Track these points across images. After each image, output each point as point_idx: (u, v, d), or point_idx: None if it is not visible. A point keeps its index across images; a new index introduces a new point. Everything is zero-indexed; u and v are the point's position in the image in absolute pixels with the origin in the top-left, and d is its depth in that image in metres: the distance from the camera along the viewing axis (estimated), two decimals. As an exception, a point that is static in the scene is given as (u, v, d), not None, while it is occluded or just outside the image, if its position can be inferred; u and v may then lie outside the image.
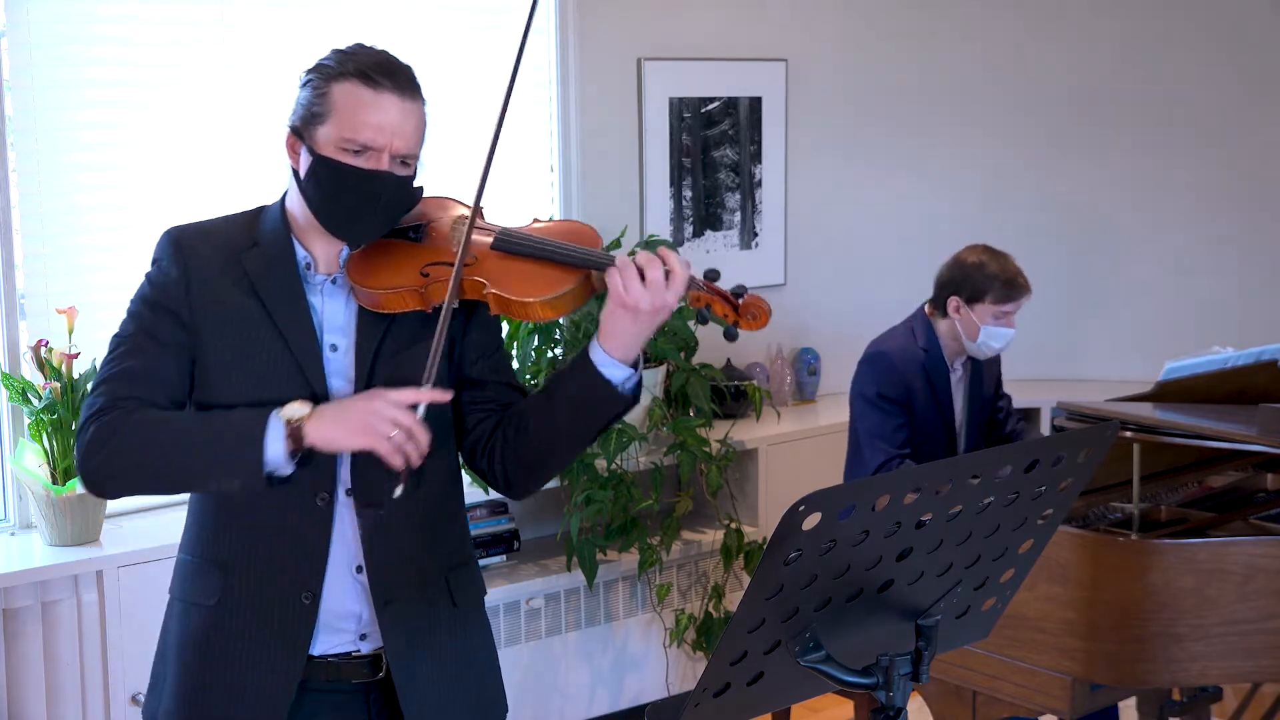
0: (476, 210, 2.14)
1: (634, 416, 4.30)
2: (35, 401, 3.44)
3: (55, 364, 3.46)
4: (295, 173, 2.13)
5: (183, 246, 2.13)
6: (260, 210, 2.21)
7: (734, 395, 4.76)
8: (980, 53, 5.39)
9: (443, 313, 2.05)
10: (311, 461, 2.02)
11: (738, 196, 4.99)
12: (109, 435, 2.02)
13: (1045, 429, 5.04)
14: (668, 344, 4.28)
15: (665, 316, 2.05)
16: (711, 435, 4.41)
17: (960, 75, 5.37)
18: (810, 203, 5.18)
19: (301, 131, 2.09)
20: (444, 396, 2.03)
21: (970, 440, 3.87)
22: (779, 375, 5.07)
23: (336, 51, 2.12)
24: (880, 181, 5.32)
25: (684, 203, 4.85)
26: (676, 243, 4.77)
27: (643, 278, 2.02)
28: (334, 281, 2.15)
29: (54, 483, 3.45)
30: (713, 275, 2.12)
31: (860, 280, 5.29)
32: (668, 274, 2.04)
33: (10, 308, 3.61)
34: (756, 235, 5.05)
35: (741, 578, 4.49)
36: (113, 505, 3.62)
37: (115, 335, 2.13)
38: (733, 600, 4.42)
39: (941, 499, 1.71)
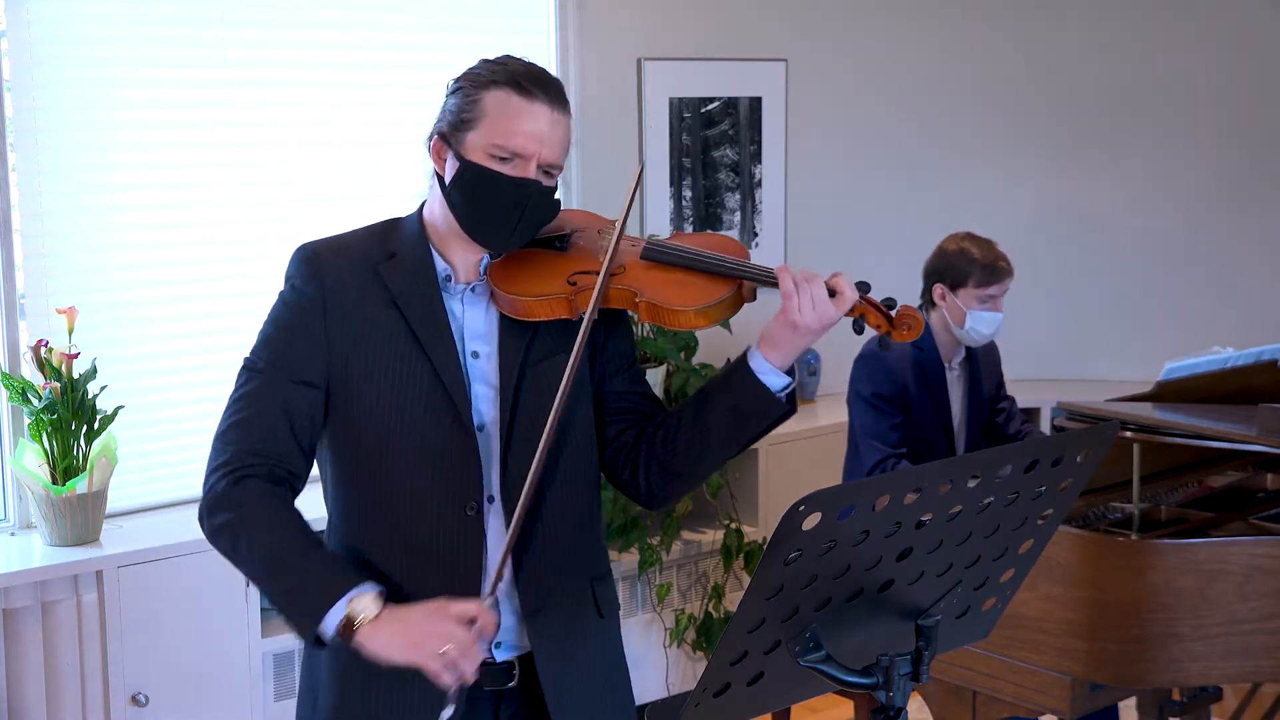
0: (625, 219, 2.15)
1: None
2: (35, 401, 3.43)
3: (55, 364, 3.45)
4: (439, 179, 2.12)
5: (318, 264, 2.12)
6: (395, 222, 2.20)
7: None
8: (980, 53, 5.39)
9: (584, 323, 2.06)
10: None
11: (738, 196, 4.99)
12: (229, 507, 2.04)
13: (1045, 429, 5.04)
14: (667, 344, 4.28)
15: (826, 331, 2.09)
16: (711, 435, 4.40)
17: (960, 75, 5.37)
18: (810, 203, 5.18)
19: (449, 137, 2.08)
20: (492, 626, 2.00)
21: (969, 441, 3.86)
22: (779, 375, 5.06)
23: (486, 61, 2.11)
24: (880, 181, 5.32)
25: (684, 203, 4.85)
26: (676, 243, 4.77)
27: (813, 294, 2.06)
28: (473, 289, 2.15)
29: (54, 483, 3.45)
30: (864, 288, 2.15)
31: (860, 280, 5.27)
32: (833, 292, 2.08)
33: (10, 308, 3.61)
34: (756, 235, 5.05)
35: (741, 578, 4.49)
36: (113, 505, 3.62)
37: (245, 363, 2.12)
38: (733, 600, 4.42)
39: (941, 499, 1.71)
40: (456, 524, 2.09)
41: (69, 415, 3.44)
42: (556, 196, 2.14)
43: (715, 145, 4.91)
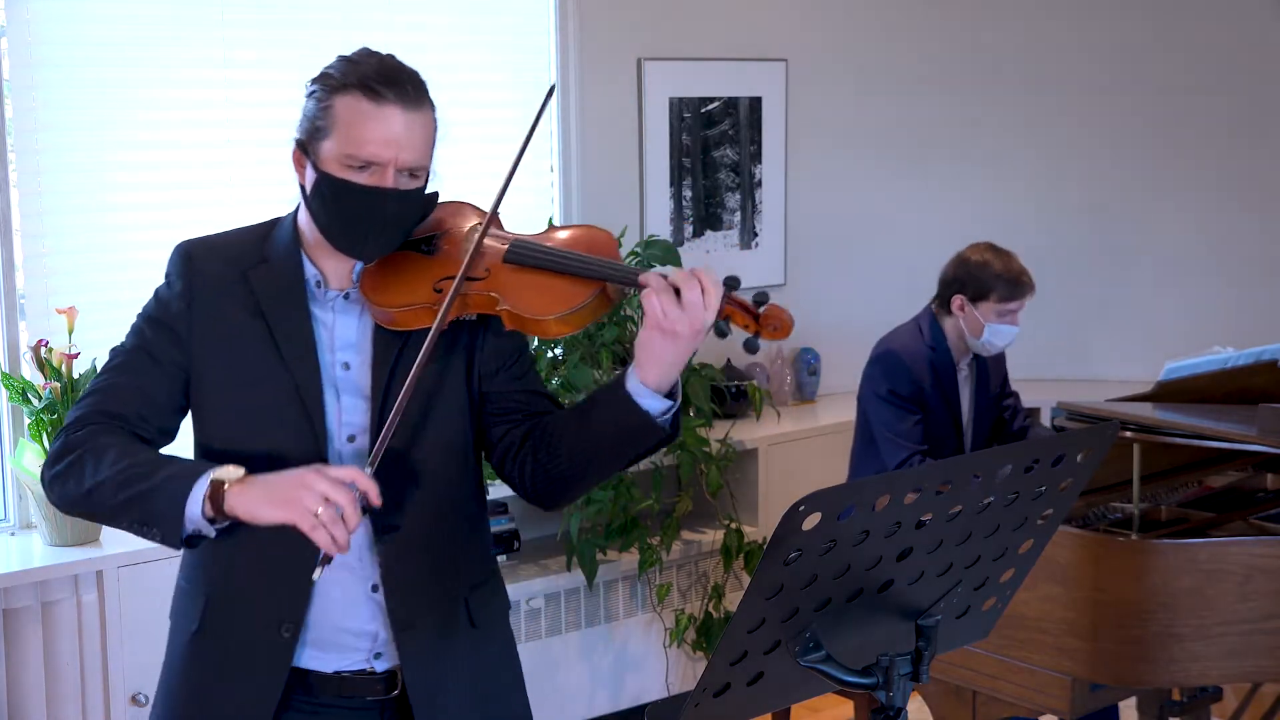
0: (490, 221, 2.08)
1: (634, 416, 4.30)
2: (35, 401, 3.44)
3: (55, 364, 3.45)
4: (301, 188, 2.07)
5: (191, 261, 2.10)
6: (275, 223, 2.16)
7: (734, 395, 4.76)
8: (981, 53, 5.39)
9: (428, 337, 1.98)
10: (235, 530, 1.94)
11: (738, 196, 4.99)
12: (68, 450, 1.99)
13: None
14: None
15: (703, 338, 1.94)
16: (711, 435, 4.41)
17: (960, 76, 5.37)
18: (810, 203, 5.18)
19: (306, 146, 2.03)
20: (376, 497, 1.91)
21: (977, 439, 3.88)
22: (779, 375, 5.07)
23: (341, 59, 2.04)
24: (880, 181, 5.32)
25: (684, 203, 4.85)
26: (676, 243, 4.77)
27: (679, 297, 1.91)
28: (346, 297, 2.09)
29: (54, 483, 3.45)
30: (732, 283, 2.00)
31: (860, 280, 5.29)
32: (705, 291, 1.92)
33: (10, 308, 3.61)
34: (756, 235, 5.05)
35: (741, 578, 4.49)
36: (113, 505, 3.62)
37: (114, 347, 2.11)
38: (733, 600, 4.42)
39: (941, 499, 1.71)
40: (292, 544, 1.96)
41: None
42: (432, 191, 2.09)
43: (715, 145, 4.91)
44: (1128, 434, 3.16)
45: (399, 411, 1.96)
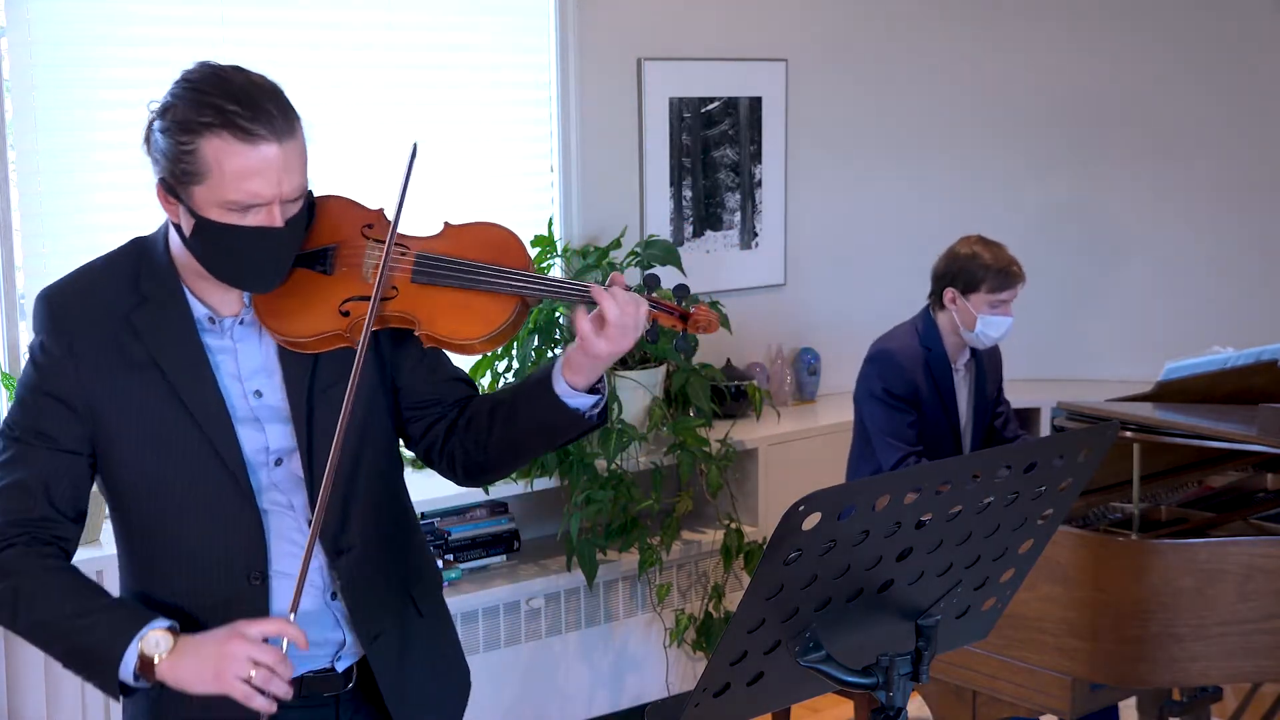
0: (390, 243, 1.95)
1: (634, 416, 4.30)
2: (35, 401, 3.43)
3: (55, 364, 3.45)
4: (176, 226, 1.95)
5: (63, 317, 1.98)
6: (139, 249, 2.03)
7: (734, 395, 4.76)
8: (981, 54, 5.39)
9: (356, 359, 1.91)
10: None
11: (738, 196, 4.99)
12: None
13: (1045, 429, 5.04)
14: (667, 344, 4.28)
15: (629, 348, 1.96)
16: (711, 435, 4.41)
17: (960, 75, 5.37)
18: (810, 202, 5.18)
19: (175, 189, 1.91)
20: (303, 642, 1.89)
21: (975, 440, 3.87)
22: (779, 375, 5.07)
23: (186, 88, 1.92)
24: (880, 181, 5.32)
25: (684, 203, 4.85)
26: (676, 243, 4.76)
27: (608, 321, 1.91)
28: (241, 323, 2.00)
29: (54, 483, 3.45)
30: (651, 282, 1.99)
31: (860, 280, 5.29)
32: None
33: (10, 308, 3.61)
34: (756, 235, 5.05)
35: (741, 578, 4.49)
36: (113, 505, 3.61)
37: (3, 426, 1.99)
38: (733, 600, 4.42)
39: (941, 499, 1.71)
40: (238, 591, 1.98)
41: (69, 415, 3.44)
42: (309, 204, 1.98)
43: (715, 145, 4.91)
44: (1128, 434, 3.16)
45: (333, 469, 1.92)
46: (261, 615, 1.98)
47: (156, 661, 1.87)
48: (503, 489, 4.13)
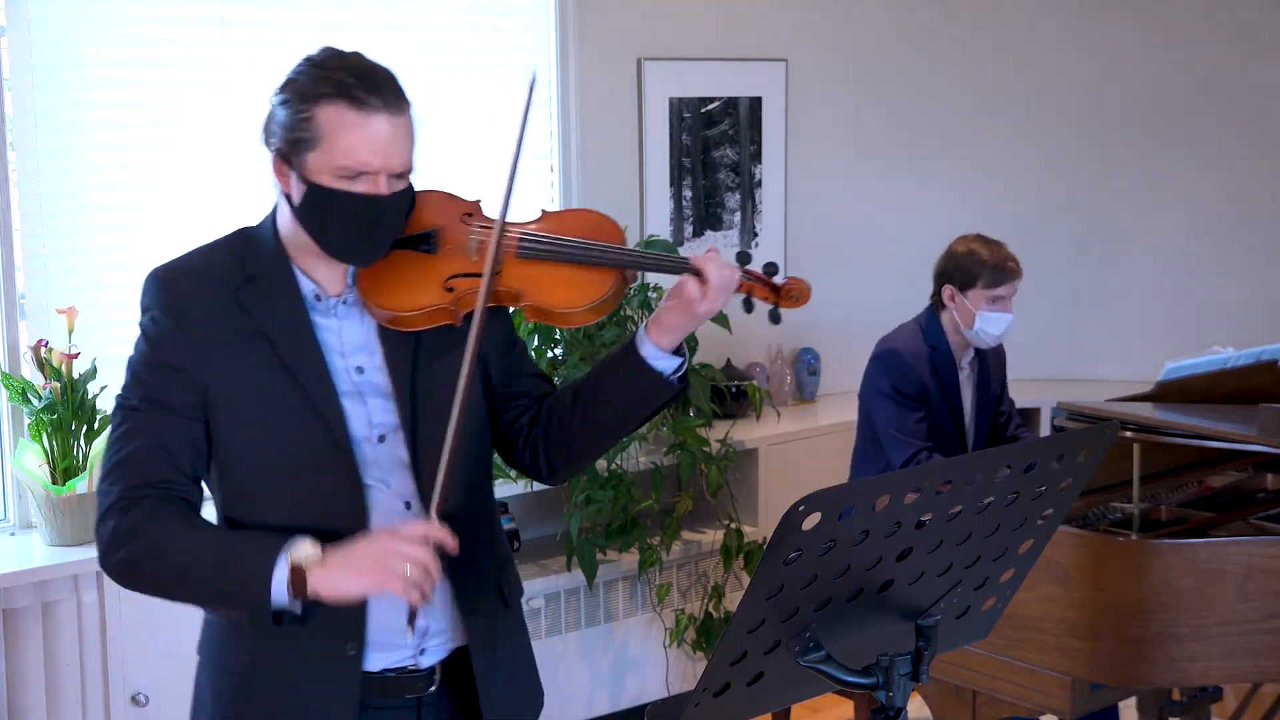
0: (503, 218, 2.05)
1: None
2: (35, 401, 3.44)
3: (55, 364, 3.45)
4: (287, 197, 2.02)
5: (174, 291, 2.02)
6: (246, 236, 2.09)
7: (734, 395, 4.76)
8: (981, 53, 5.39)
9: (472, 334, 1.98)
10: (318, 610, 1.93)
11: (738, 196, 4.99)
12: (126, 538, 1.95)
13: (1045, 429, 5.04)
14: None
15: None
16: (711, 435, 4.41)
17: (961, 75, 5.37)
18: (810, 203, 5.18)
19: (289, 157, 1.98)
20: (452, 545, 1.93)
21: (979, 437, 3.88)
22: (779, 375, 5.07)
23: (309, 64, 2.00)
24: (881, 181, 5.32)
25: (684, 203, 4.85)
26: (676, 243, 4.77)
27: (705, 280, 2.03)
28: (345, 302, 2.07)
29: (54, 483, 3.45)
30: (744, 259, 2.11)
31: (860, 280, 5.29)
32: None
33: (10, 308, 3.61)
34: (756, 235, 5.05)
35: (741, 578, 4.49)
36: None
37: (119, 402, 2.02)
38: (733, 600, 4.42)
39: (941, 499, 1.71)
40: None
41: (69, 415, 3.44)
42: (412, 189, 2.06)
43: (715, 145, 4.91)
44: (1128, 434, 3.16)
45: (456, 437, 1.96)
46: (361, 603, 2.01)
47: (309, 568, 1.89)
48: (503, 489, 4.13)
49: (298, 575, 1.89)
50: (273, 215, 2.09)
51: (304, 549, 1.91)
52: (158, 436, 1.99)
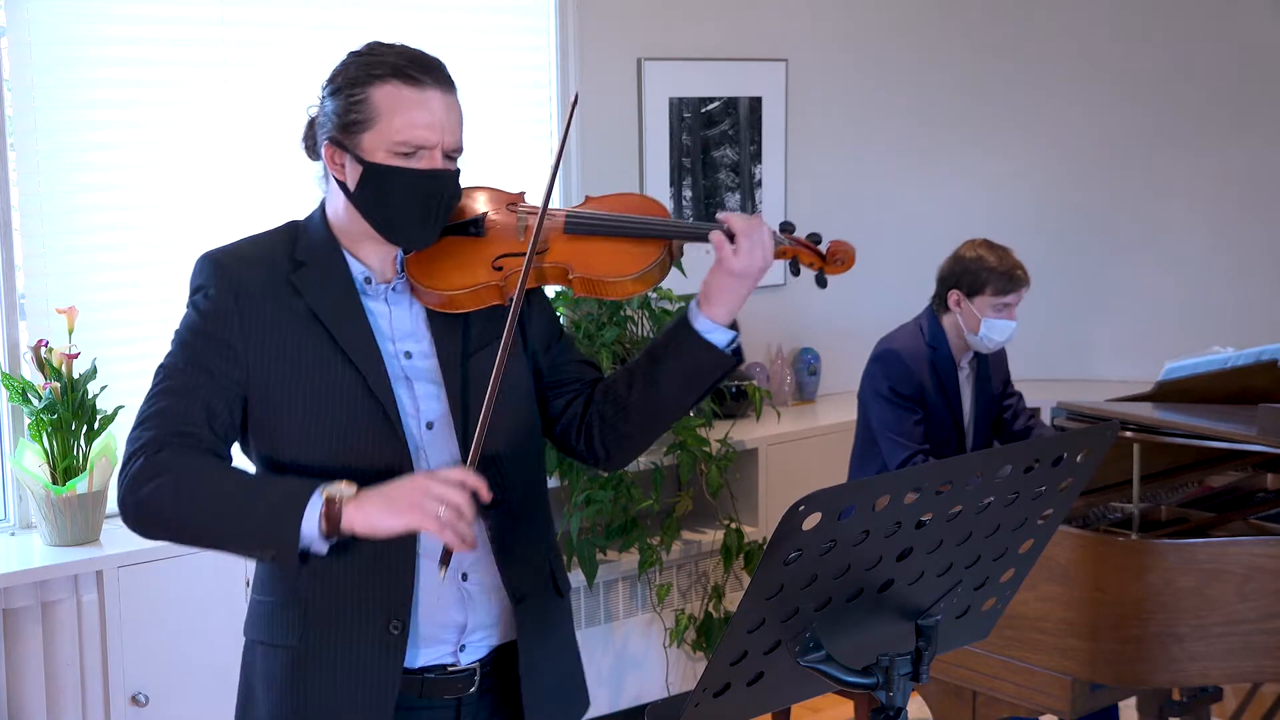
0: (548, 199, 2.08)
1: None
2: (35, 401, 3.44)
3: (55, 364, 3.45)
4: (342, 185, 2.03)
5: (230, 274, 2.03)
6: (293, 227, 2.12)
7: (734, 395, 4.76)
8: (980, 54, 5.39)
9: (513, 307, 2.01)
10: (348, 545, 1.94)
11: (738, 196, 4.99)
12: (156, 473, 1.93)
13: (1045, 429, 5.04)
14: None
15: (763, 276, 2.09)
16: (711, 435, 4.41)
17: (960, 76, 5.37)
18: (810, 203, 5.18)
19: (343, 141, 2.00)
20: (486, 492, 1.93)
21: (978, 438, 3.88)
22: (779, 375, 5.07)
23: (358, 55, 2.03)
24: (880, 182, 5.32)
25: (684, 203, 4.85)
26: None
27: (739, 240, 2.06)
28: (394, 288, 2.08)
29: (54, 483, 3.45)
30: (789, 227, 2.16)
31: (860, 280, 5.25)
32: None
33: (10, 308, 3.61)
34: (756, 235, 5.04)
35: (741, 578, 4.49)
36: (112, 505, 3.60)
37: (161, 366, 2.03)
38: (733, 600, 4.42)
39: (941, 499, 1.71)
40: (393, 539, 1.96)
41: (69, 415, 3.44)
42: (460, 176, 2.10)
43: (715, 145, 4.91)
44: (1128, 434, 3.16)
45: (491, 400, 1.97)
46: (410, 553, 2.03)
47: (341, 503, 1.89)
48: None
49: (331, 507, 1.89)
50: (321, 208, 2.12)
51: (339, 486, 1.91)
52: (199, 395, 1.99)
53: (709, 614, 4.41)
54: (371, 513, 1.89)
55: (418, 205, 2.02)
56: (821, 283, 2.20)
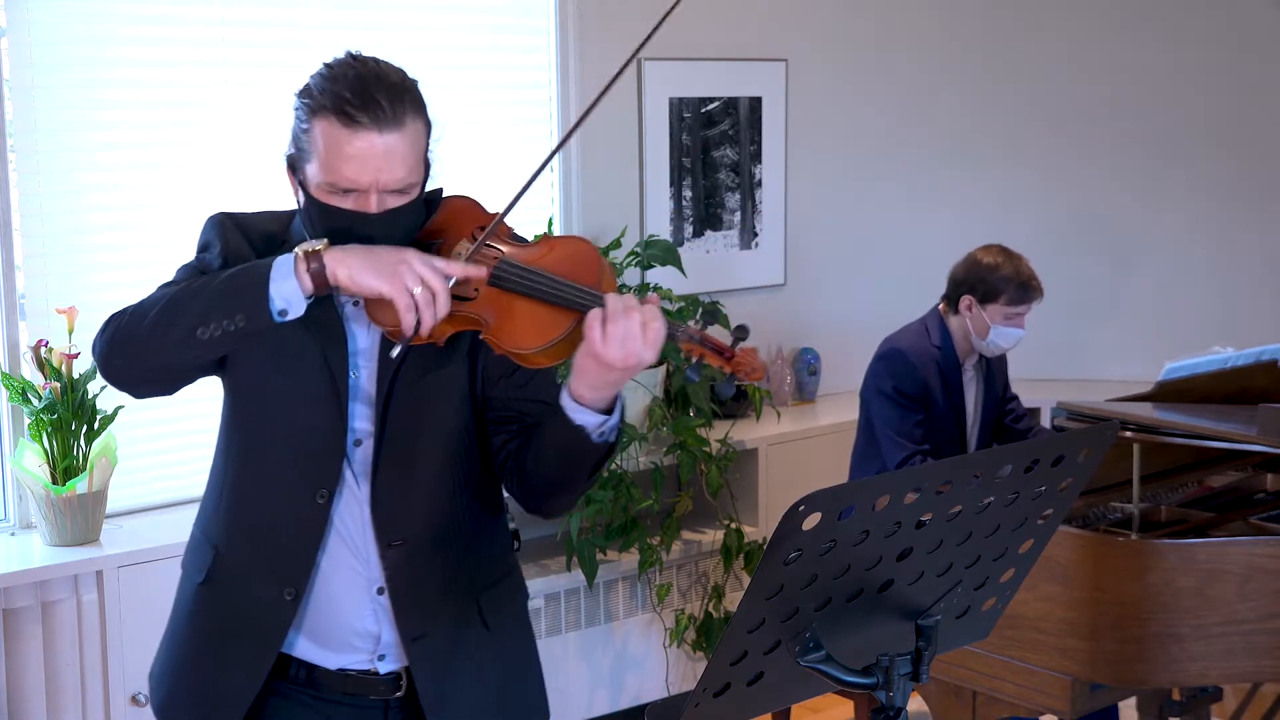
0: (484, 238, 2.01)
1: (634, 416, 4.31)
2: (35, 401, 3.43)
3: (55, 364, 3.45)
4: (299, 203, 2.07)
5: (225, 230, 2.08)
6: (290, 215, 2.14)
7: (734, 395, 4.76)
8: (981, 55, 5.39)
9: (399, 348, 1.95)
10: (324, 305, 1.97)
11: (738, 196, 4.99)
12: (126, 312, 2.00)
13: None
14: (667, 344, 4.28)
15: (639, 371, 1.90)
16: (711, 435, 4.41)
17: (960, 77, 5.37)
18: (810, 203, 5.18)
19: (295, 165, 2.02)
20: (479, 271, 1.93)
21: (981, 439, 3.88)
22: (779, 375, 5.07)
23: (323, 70, 1.99)
24: (880, 181, 5.32)
25: (684, 203, 4.85)
26: (676, 243, 4.76)
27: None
28: (356, 304, 2.06)
29: (54, 483, 3.45)
30: (709, 319, 2.02)
31: (860, 280, 5.29)
32: (645, 326, 1.87)
33: (10, 308, 3.61)
34: (756, 235, 5.05)
35: (741, 578, 4.49)
36: (112, 505, 3.61)
37: (165, 283, 2.07)
38: (733, 600, 4.42)
39: (941, 499, 1.71)
40: (301, 509, 2.04)
41: (69, 415, 3.44)
42: (431, 192, 2.07)
43: (715, 145, 4.91)
44: (1128, 434, 3.16)
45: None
46: (316, 535, 2.05)
47: (322, 249, 1.90)
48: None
49: (310, 260, 1.90)
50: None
51: (309, 242, 1.93)
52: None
53: (709, 614, 4.41)
54: (355, 265, 1.89)
55: (349, 242, 1.96)
56: (725, 393, 2.00)
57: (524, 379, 2.11)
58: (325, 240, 1.92)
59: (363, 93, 1.94)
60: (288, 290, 1.90)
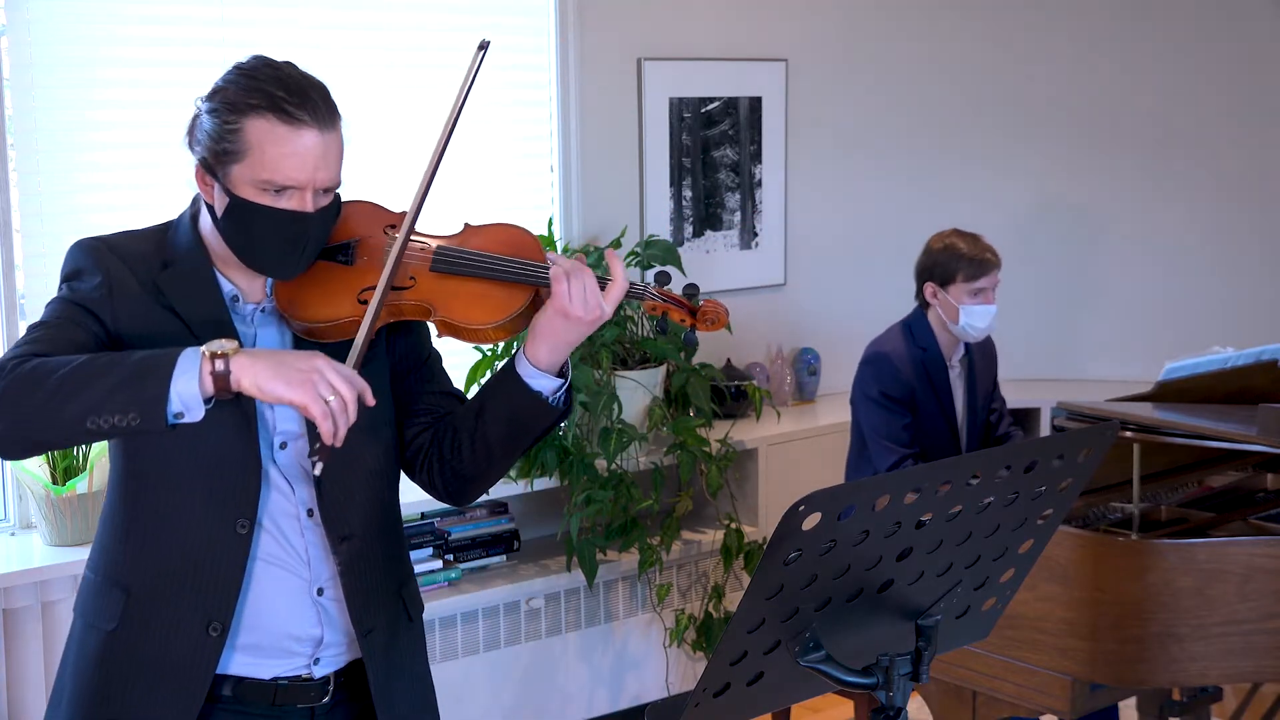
0: (410, 230, 2.02)
1: (634, 416, 4.30)
2: (35, 401, 3.43)
3: (55, 364, 3.45)
4: (210, 208, 1.99)
5: (100, 256, 2.00)
6: (164, 229, 2.07)
7: (734, 395, 4.76)
8: (979, 53, 5.39)
9: (357, 349, 1.95)
10: (236, 402, 1.87)
11: (738, 196, 4.99)
12: (11, 367, 1.83)
13: (1045, 429, 5.04)
14: (668, 344, 4.28)
15: (598, 325, 2.00)
16: (711, 435, 4.41)
17: (960, 76, 5.37)
18: (810, 202, 5.18)
19: (213, 167, 1.95)
20: (370, 397, 1.89)
21: (972, 438, 3.88)
22: (779, 375, 5.07)
23: (238, 73, 1.97)
24: (880, 181, 5.32)
25: (684, 203, 4.85)
26: (676, 243, 4.77)
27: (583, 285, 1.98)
28: (264, 310, 2.04)
29: (54, 483, 3.45)
30: (664, 279, 2.08)
31: (860, 280, 5.29)
32: (606, 282, 1.99)
33: (10, 308, 3.61)
34: (756, 235, 5.05)
35: (741, 578, 4.49)
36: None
37: (31, 326, 1.96)
38: (733, 600, 4.42)
39: (941, 499, 1.71)
40: (222, 540, 1.98)
41: (69, 415, 3.44)
42: (338, 201, 2.04)
43: (715, 145, 4.91)
44: (1128, 434, 3.16)
45: (368, 337, 1.95)
46: (240, 562, 1.99)
47: (230, 353, 1.81)
48: (503, 489, 4.13)
49: (217, 361, 1.80)
50: (193, 212, 2.06)
51: (220, 341, 1.83)
52: (71, 339, 1.92)
53: (709, 614, 4.41)
54: (262, 373, 1.81)
55: (283, 244, 1.96)
56: (690, 342, 2.09)
57: (429, 373, 2.16)
58: (236, 343, 1.83)
59: (299, 92, 1.95)
60: (187, 392, 1.79)
